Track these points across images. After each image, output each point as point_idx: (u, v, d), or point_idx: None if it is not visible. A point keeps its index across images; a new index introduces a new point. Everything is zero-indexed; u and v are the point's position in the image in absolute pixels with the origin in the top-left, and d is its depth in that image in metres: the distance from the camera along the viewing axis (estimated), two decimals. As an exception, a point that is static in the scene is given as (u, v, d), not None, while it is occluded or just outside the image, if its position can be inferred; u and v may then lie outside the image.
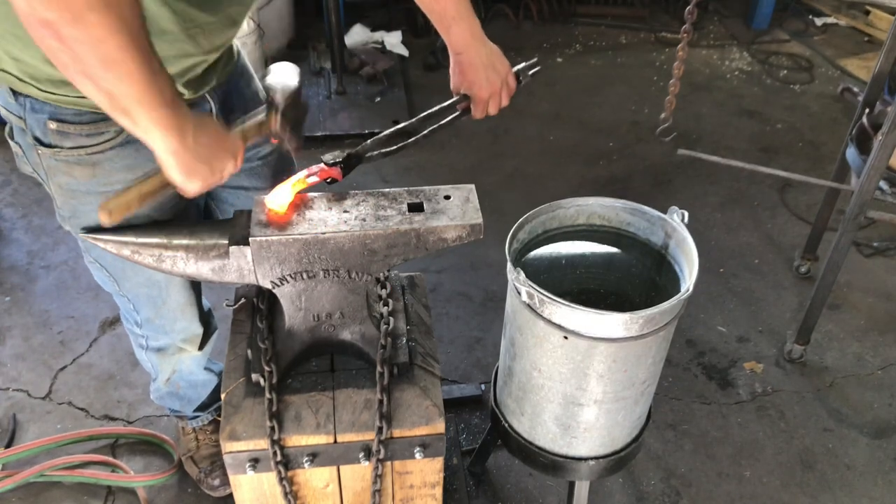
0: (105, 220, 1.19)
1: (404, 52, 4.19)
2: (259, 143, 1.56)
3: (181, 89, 1.28)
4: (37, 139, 1.27)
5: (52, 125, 1.24)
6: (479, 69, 1.46)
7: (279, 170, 1.64)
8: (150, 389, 1.95)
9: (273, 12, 3.95)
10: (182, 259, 1.29)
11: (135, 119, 1.01)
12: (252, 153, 1.56)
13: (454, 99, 1.50)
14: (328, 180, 1.32)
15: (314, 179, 1.30)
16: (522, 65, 1.55)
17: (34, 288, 2.71)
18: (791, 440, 2.25)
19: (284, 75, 1.27)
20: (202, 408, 2.00)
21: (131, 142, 1.28)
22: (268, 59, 3.96)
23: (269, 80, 1.27)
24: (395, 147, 1.38)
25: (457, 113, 1.49)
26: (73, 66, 0.94)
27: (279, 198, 1.27)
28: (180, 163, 1.10)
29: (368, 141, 1.37)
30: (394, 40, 4.21)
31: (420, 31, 4.38)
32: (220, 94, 1.43)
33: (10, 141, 1.35)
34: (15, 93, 1.23)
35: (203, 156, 1.12)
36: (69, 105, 1.22)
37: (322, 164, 1.31)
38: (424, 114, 1.45)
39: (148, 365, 1.81)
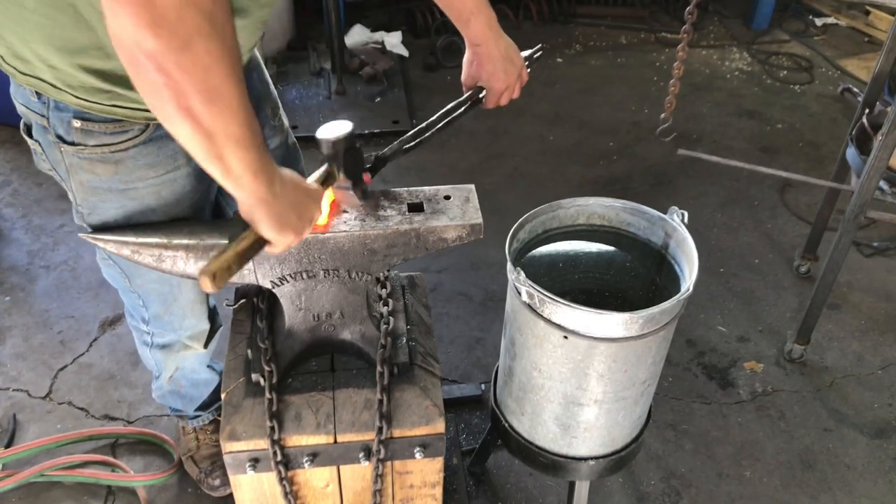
0: (209, 287, 1.08)
1: (404, 52, 4.19)
2: (268, 137, 1.59)
3: None
4: (59, 137, 1.27)
5: (77, 123, 1.24)
6: (497, 61, 1.48)
7: (286, 163, 1.66)
8: (151, 388, 1.95)
9: (273, 12, 3.94)
10: (182, 259, 1.29)
11: (228, 163, 0.95)
12: None
13: (469, 93, 1.51)
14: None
15: (346, 186, 1.30)
16: (528, 52, 1.58)
17: (34, 288, 2.71)
18: (791, 440, 2.25)
19: (335, 127, 1.26)
20: (203, 407, 2.00)
21: (154, 140, 1.30)
22: (267, 60, 3.96)
23: (320, 132, 1.24)
24: (413, 143, 1.39)
25: (468, 104, 1.50)
26: (176, 101, 0.87)
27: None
28: (271, 213, 1.05)
29: (395, 142, 1.38)
30: (394, 40, 4.21)
31: (420, 31, 4.38)
32: None
33: (27, 139, 1.35)
34: (38, 92, 1.23)
35: (291, 203, 1.08)
36: (101, 112, 1.22)
37: None
38: (442, 111, 1.45)
39: (151, 363, 1.81)
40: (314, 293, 1.33)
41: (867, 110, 2.31)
